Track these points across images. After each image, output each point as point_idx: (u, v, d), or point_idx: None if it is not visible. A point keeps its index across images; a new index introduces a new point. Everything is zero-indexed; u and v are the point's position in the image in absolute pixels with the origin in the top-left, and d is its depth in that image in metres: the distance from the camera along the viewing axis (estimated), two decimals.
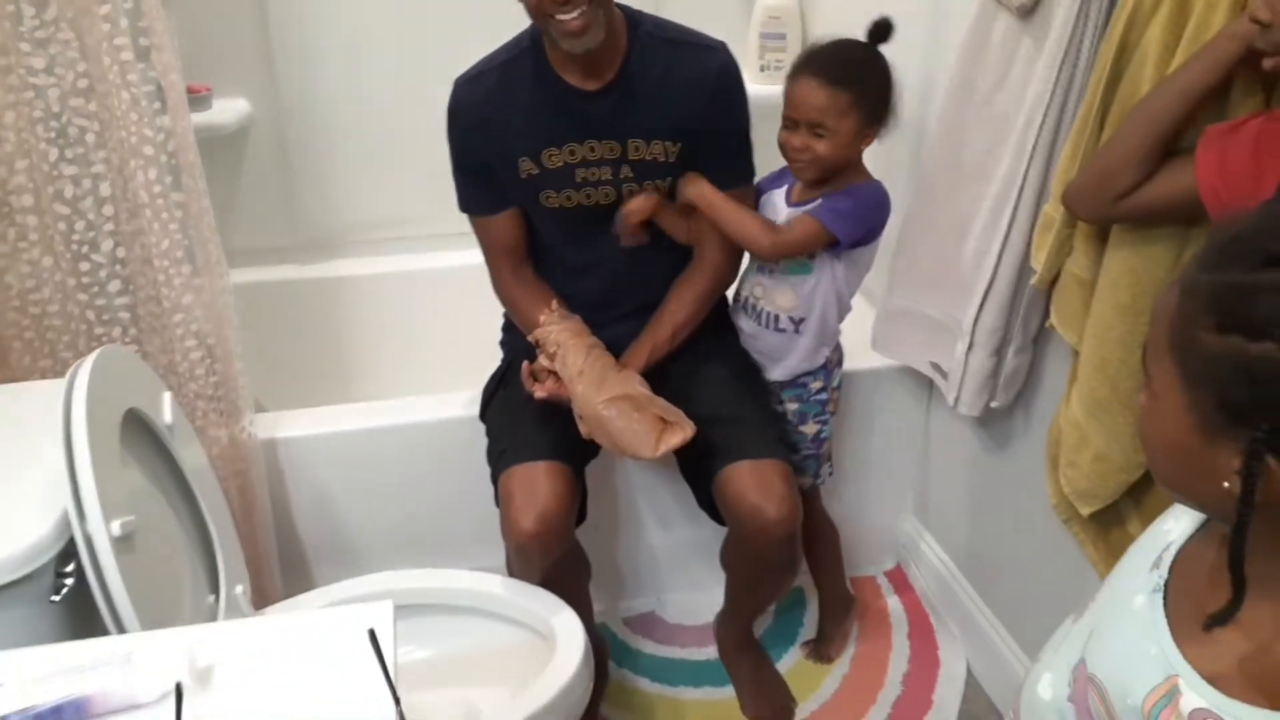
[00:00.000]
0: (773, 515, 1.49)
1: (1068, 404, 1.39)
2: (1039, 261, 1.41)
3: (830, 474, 1.81)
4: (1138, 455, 1.28)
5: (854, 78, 1.48)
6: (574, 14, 1.36)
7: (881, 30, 1.51)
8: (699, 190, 1.55)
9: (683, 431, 1.49)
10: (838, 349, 1.73)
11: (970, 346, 1.59)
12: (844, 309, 1.67)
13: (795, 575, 1.65)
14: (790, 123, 1.51)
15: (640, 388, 1.52)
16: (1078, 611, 0.83)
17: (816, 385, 1.70)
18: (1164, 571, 0.71)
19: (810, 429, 1.72)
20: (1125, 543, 1.37)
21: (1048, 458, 1.47)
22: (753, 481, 1.51)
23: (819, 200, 1.56)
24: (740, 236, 1.56)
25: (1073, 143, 1.32)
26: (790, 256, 1.58)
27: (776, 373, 1.69)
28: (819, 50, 1.53)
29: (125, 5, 1.34)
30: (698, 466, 1.61)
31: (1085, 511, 1.37)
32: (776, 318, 1.65)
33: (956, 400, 1.65)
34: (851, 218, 1.54)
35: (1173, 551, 0.73)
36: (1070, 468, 1.37)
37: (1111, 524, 1.40)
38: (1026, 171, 1.44)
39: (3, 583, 1.07)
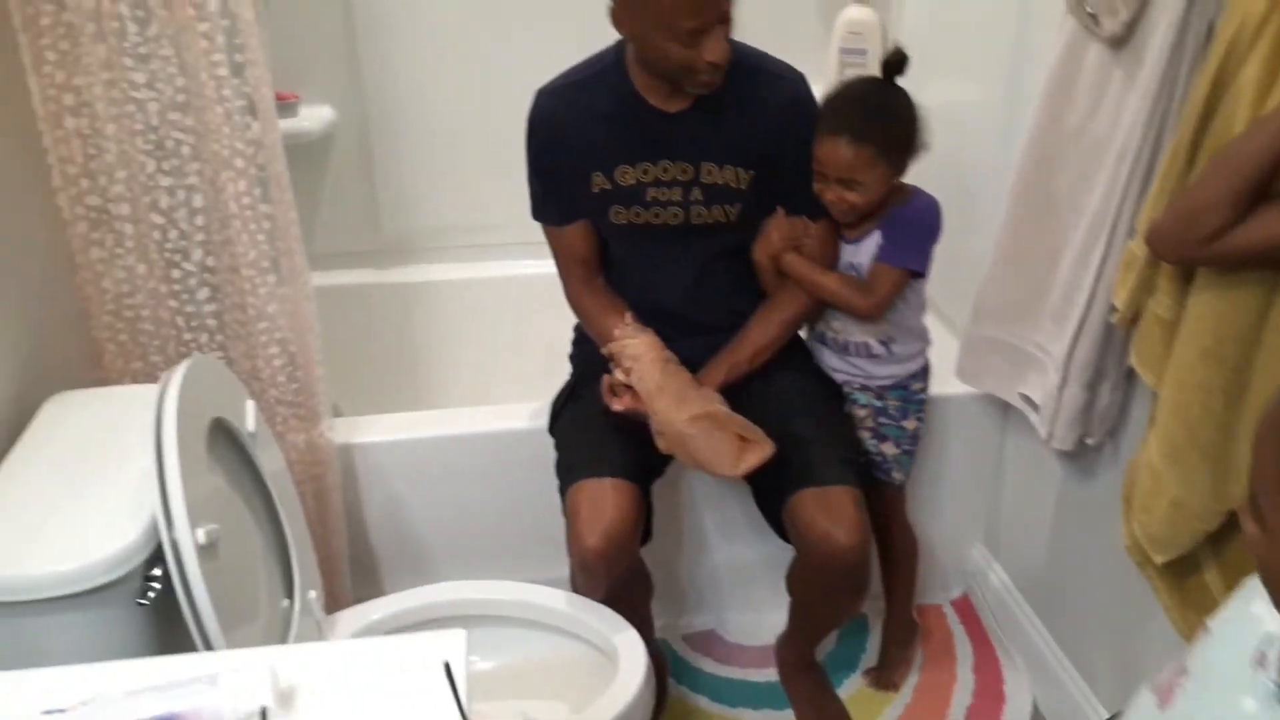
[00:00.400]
0: (844, 542, 1.48)
1: (1145, 446, 1.35)
2: (1119, 299, 1.38)
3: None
4: (1216, 504, 1.25)
5: (877, 128, 1.49)
6: (720, 74, 1.41)
7: (896, 64, 1.51)
8: (791, 263, 1.60)
9: (762, 450, 1.50)
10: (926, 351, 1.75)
11: (1064, 381, 1.56)
12: (919, 311, 1.69)
13: (863, 601, 1.63)
14: (821, 176, 1.53)
15: (720, 405, 1.53)
16: (1157, 689, 0.80)
17: (918, 386, 1.72)
18: (1275, 674, 0.68)
19: (911, 424, 1.73)
20: (1201, 593, 1.34)
21: (1123, 498, 1.43)
22: (823, 507, 1.50)
23: (875, 233, 1.58)
24: (838, 304, 1.62)
25: (1161, 180, 1.28)
26: (889, 308, 1.61)
27: (881, 382, 1.70)
28: (838, 103, 1.54)
29: (223, 23, 1.38)
30: (768, 487, 1.61)
31: (1159, 559, 1.34)
32: (867, 345, 1.66)
33: (1050, 435, 1.62)
34: (920, 247, 1.58)
35: (1278, 648, 0.70)
36: (1144, 513, 1.34)
37: (1188, 572, 1.36)
38: (1120, 205, 1.41)
39: (95, 585, 1.11)
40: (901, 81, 1.53)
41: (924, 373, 1.73)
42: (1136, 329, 1.38)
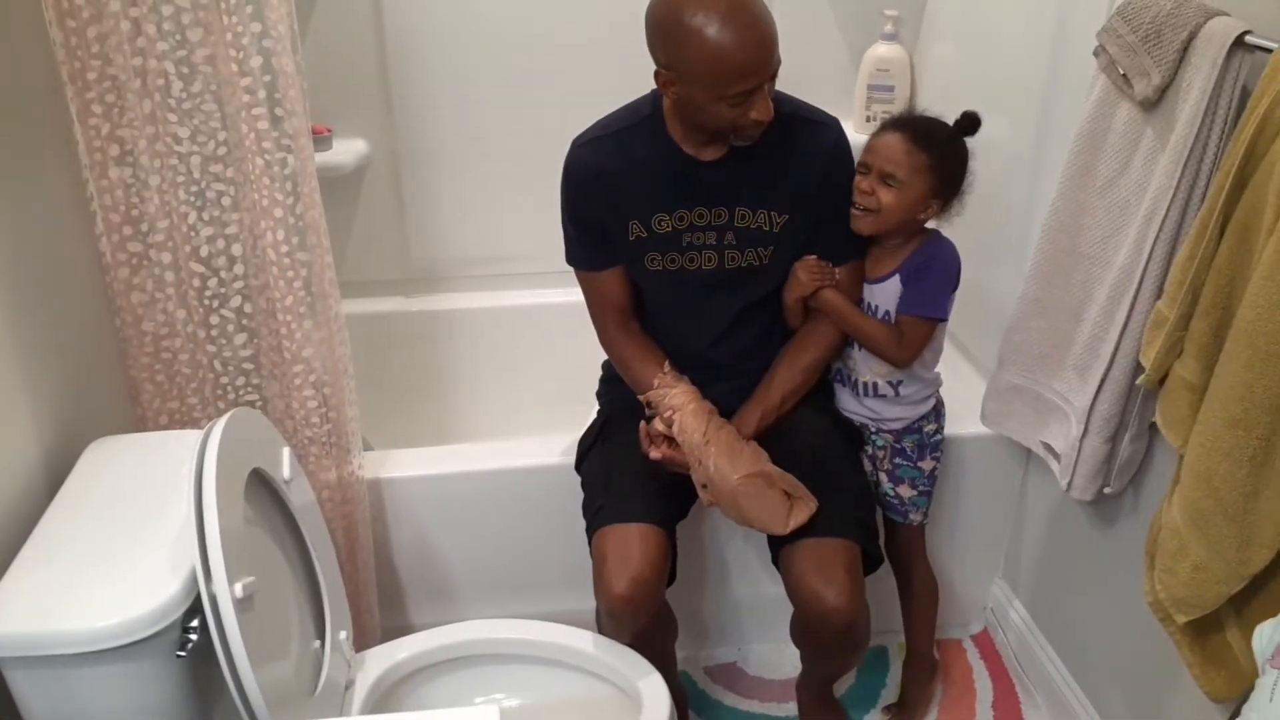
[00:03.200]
0: (832, 603, 1.48)
1: (1169, 506, 1.36)
2: (1148, 359, 1.39)
3: (928, 520, 1.81)
4: (1240, 567, 1.25)
5: (939, 144, 1.53)
6: (762, 129, 1.42)
7: (970, 123, 1.53)
8: (830, 300, 1.61)
9: (807, 508, 1.52)
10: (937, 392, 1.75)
11: (1085, 432, 1.57)
12: (937, 357, 1.69)
13: (861, 655, 1.64)
14: (864, 168, 1.54)
15: (768, 462, 1.54)
16: None
17: (931, 428, 1.72)
18: None
19: (927, 465, 1.74)
20: (1223, 651, 1.35)
21: (1146, 553, 1.44)
22: (815, 563, 1.51)
23: (895, 277, 1.58)
24: (871, 347, 1.63)
25: (1191, 246, 1.29)
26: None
27: (892, 424, 1.71)
28: (911, 115, 1.58)
29: (264, 78, 1.41)
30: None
31: (1180, 620, 1.34)
32: (875, 385, 1.67)
33: (1069, 485, 1.63)
34: (942, 295, 1.59)
35: None
36: (1166, 574, 1.34)
37: (1210, 629, 1.37)
38: (1147, 263, 1.42)
39: (137, 639, 1.14)
40: (925, 111, 1.58)
41: (935, 414, 1.73)
42: (1162, 390, 1.39)
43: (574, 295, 1.71)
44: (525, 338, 2.42)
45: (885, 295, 1.61)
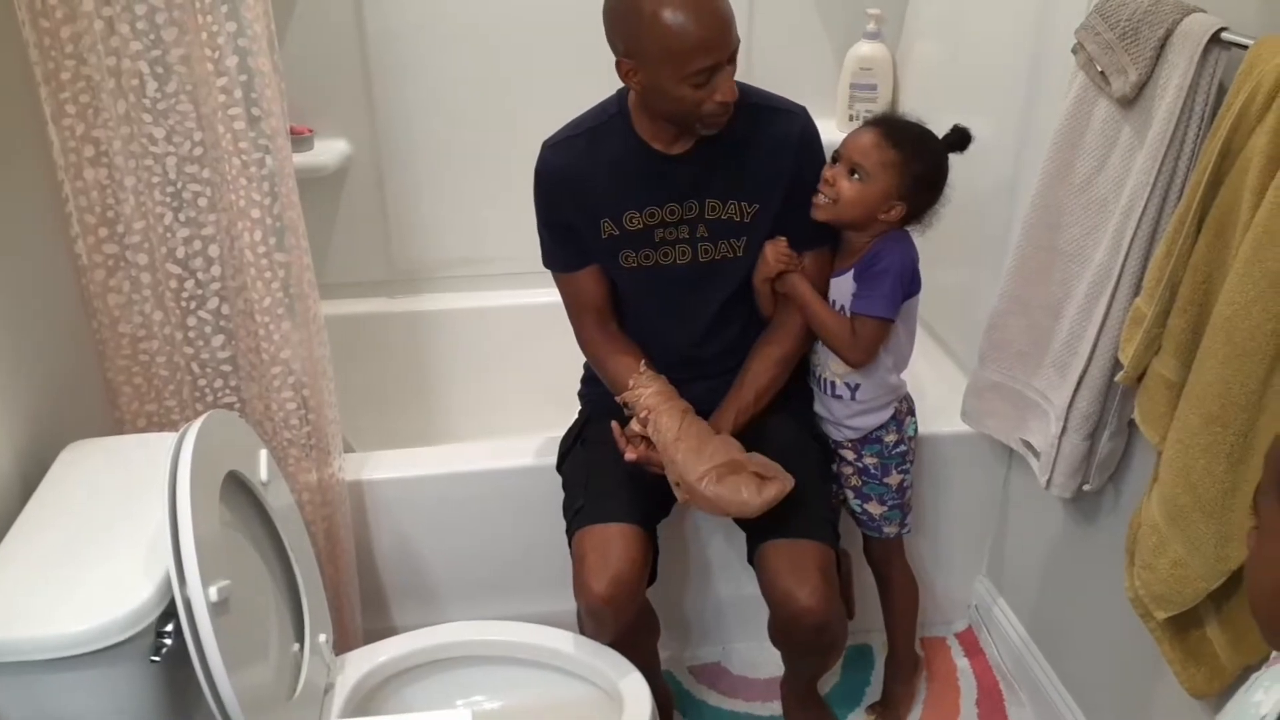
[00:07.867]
0: (804, 603, 1.48)
1: (1148, 503, 1.36)
2: (1126, 356, 1.39)
3: (909, 531, 1.80)
4: (1219, 564, 1.26)
5: (911, 144, 1.52)
6: (729, 112, 1.42)
7: (959, 138, 1.54)
8: (795, 285, 1.59)
9: (779, 484, 1.50)
10: (906, 399, 1.72)
11: (1064, 430, 1.57)
12: (900, 364, 1.67)
13: (838, 655, 1.65)
14: (834, 158, 1.55)
15: (738, 452, 1.53)
16: None
17: (891, 438, 1.70)
18: None
19: (894, 479, 1.72)
20: (1203, 646, 1.36)
21: (1126, 550, 1.44)
22: (788, 564, 1.51)
23: (850, 271, 1.58)
24: (827, 341, 1.61)
25: (1168, 243, 1.30)
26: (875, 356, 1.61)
27: (848, 432, 1.69)
28: (894, 115, 1.58)
29: (240, 78, 1.40)
30: (746, 533, 1.62)
31: (1160, 616, 1.35)
32: (833, 384, 1.67)
33: (1049, 482, 1.63)
34: (889, 294, 1.56)
35: None
36: (1146, 570, 1.35)
37: (1189, 625, 1.37)
38: (1124, 261, 1.42)
39: (110, 644, 1.13)
40: (912, 116, 1.58)
41: (896, 424, 1.69)
42: (1141, 387, 1.39)
43: (556, 296, 1.71)
44: (507, 338, 2.41)
45: (842, 290, 1.60)
